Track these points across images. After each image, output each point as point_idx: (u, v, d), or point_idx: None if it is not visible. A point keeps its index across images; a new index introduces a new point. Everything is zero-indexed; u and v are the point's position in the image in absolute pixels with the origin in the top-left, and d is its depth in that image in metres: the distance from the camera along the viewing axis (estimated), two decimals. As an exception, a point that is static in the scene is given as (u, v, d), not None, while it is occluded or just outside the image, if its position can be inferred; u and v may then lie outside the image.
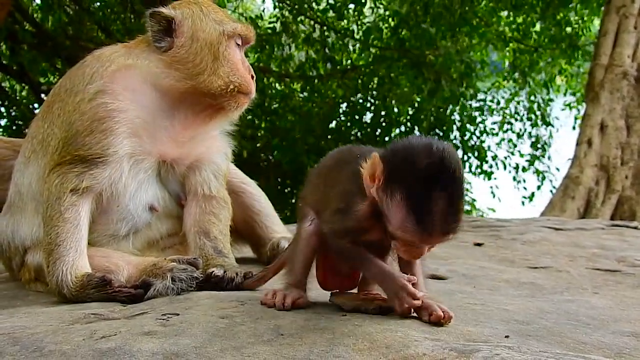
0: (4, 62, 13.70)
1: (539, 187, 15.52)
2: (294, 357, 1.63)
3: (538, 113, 15.91)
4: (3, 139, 3.45)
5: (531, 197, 15.42)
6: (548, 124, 15.86)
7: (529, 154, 15.95)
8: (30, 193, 2.81)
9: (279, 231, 3.39)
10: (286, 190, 15.19)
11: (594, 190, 10.86)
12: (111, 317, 2.15)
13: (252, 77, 2.82)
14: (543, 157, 15.89)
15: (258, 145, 14.89)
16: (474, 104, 15.76)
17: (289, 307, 2.03)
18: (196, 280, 2.49)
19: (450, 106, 14.95)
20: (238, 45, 2.82)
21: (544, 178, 15.58)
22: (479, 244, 3.98)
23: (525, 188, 15.62)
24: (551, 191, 15.02)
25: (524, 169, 15.71)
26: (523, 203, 15.41)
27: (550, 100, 16.04)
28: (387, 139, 15.07)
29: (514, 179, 15.69)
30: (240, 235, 3.37)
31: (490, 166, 15.50)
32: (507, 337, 1.83)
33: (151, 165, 2.75)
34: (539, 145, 15.94)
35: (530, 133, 16.09)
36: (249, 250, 3.52)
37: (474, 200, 16.00)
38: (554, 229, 4.50)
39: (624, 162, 11.01)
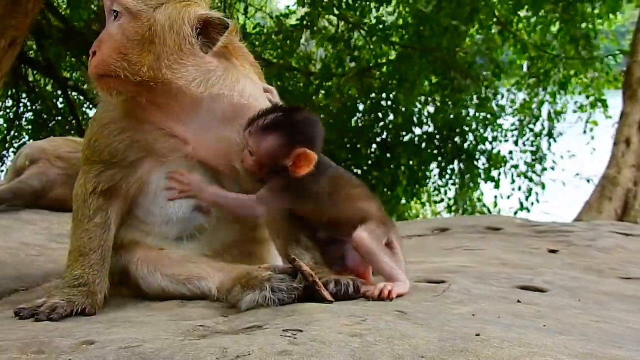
0: (30, 55, 13.67)
1: (527, 197, 14.86)
2: (449, 383, 1.53)
3: (546, 124, 15.33)
4: (77, 139, 3.37)
5: (521, 207, 14.85)
6: (551, 135, 15.28)
7: (525, 162, 15.39)
8: None
9: None
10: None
11: (632, 191, 10.61)
12: (221, 330, 2.06)
13: (92, 52, 2.44)
14: (544, 170, 15.34)
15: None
16: (492, 105, 15.26)
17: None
18: (296, 291, 2.38)
19: (470, 104, 14.63)
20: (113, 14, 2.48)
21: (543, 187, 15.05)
22: (553, 251, 3.85)
23: (527, 197, 15.03)
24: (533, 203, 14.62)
25: (530, 179, 15.11)
26: (516, 213, 14.78)
27: (561, 112, 15.45)
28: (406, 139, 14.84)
29: (519, 188, 15.12)
30: None
31: (499, 173, 14.98)
32: (660, 361, 1.72)
33: (181, 163, 2.62)
34: (535, 157, 15.39)
35: (532, 142, 15.51)
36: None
37: (484, 205, 15.51)
38: (624, 235, 4.36)
39: (664, 163, 10.76)
